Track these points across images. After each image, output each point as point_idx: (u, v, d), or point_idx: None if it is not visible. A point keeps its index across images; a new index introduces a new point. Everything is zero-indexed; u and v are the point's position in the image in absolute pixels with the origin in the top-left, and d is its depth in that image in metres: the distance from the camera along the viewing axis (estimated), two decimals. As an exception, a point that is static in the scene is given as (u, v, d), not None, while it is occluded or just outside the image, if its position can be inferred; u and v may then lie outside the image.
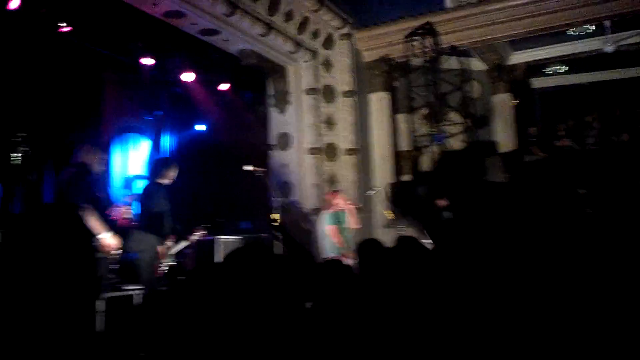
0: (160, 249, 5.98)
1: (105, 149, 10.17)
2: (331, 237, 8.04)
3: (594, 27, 11.25)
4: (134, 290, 6.09)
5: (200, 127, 12.27)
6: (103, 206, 5.81)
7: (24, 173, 7.25)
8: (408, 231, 7.91)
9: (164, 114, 11.59)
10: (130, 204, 6.20)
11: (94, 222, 5.43)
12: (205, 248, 8.43)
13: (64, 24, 8.24)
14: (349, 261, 5.41)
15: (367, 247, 4.02)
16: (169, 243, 6.17)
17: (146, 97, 10.70)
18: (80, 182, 5.48)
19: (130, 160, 10.69)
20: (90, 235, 5.34)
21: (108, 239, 5.49)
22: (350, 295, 2.76)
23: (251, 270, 1.50)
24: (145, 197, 6.22)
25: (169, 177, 6.25)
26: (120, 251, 5.74)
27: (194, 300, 1.59)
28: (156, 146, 11.40)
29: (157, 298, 3.25)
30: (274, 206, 6.44)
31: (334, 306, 2.38)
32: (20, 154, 6.55)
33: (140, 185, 9.49)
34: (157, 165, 6.51)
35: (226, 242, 8.64)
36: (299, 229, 9.05)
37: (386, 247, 4.10)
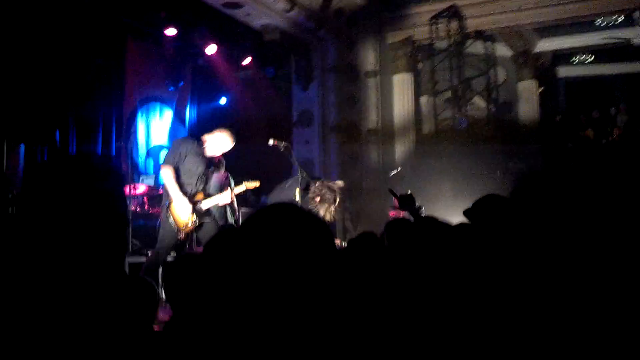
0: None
1: (130, 118, 10.22)
2: None
3: (622, 18, 11.05)
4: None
5: (222, 101, 12.25)
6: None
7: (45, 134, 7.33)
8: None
9: (187, 86, 11.59)
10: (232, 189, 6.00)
11: (168, 182, 5.38)
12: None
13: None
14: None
15: (396, 226, 4.12)
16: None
17: (169, 68, 10.69)
18: (175, 146, 5.68)
19: (154, 131, 10.69)
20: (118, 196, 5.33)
21: (178, 204, 5.36)
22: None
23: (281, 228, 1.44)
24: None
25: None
26: (195, 223, 5.50)
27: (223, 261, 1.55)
28: (178, 117, 11.40)
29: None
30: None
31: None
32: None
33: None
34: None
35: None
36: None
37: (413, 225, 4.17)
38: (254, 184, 6.03)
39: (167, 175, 5.38)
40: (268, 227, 1.39)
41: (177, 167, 5.43)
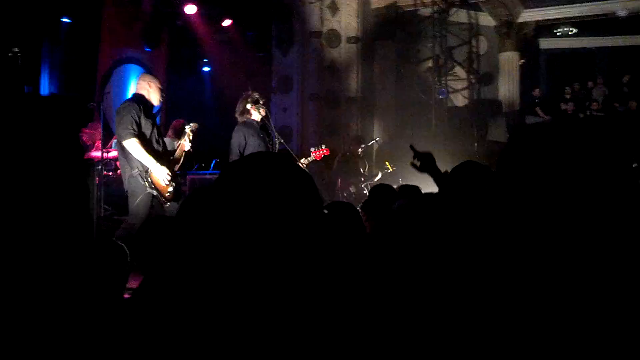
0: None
1: (105, 79, 9.93)
2: None
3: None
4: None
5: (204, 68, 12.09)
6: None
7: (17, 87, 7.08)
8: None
9: (165, 47, 11.32)
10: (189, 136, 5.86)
11: (140, 153, 5.16)
12: (204, 185, 8.32)
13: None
14: None
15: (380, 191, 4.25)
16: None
17: (146, 29, 10.40)
18: (127, 113, 5.22)
19: (130, 93, 10.46)
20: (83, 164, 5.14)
21: (156, 171, 5.22)
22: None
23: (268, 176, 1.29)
24: None
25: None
26: (173, 186, 5.37)
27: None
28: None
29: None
30: (271, 148, 6.29)
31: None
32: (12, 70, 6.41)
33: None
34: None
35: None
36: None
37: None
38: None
39: (135, 147, 5.16)
40: (249, 178, 1.26)
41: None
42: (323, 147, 7.03)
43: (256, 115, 6.06)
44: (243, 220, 1.21)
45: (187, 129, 5.73)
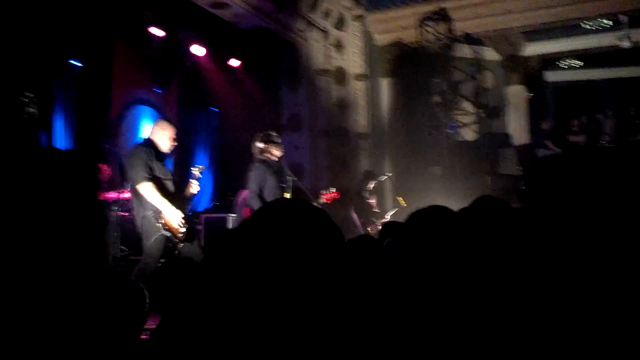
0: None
1: (117, 121, 10.03)
2: None
3: (610, 23, 11.09)
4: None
5: (213, 108, 12.21)
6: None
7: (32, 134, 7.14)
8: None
9: (174, 88, 11.45)
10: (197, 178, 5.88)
11: (154, 197, 5.24)
12: (217, 225, 8.34)
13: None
14: None
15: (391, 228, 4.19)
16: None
17: (156, 70, 10.55)
18: (138, 157, 5.34)
19: (143, 133, 10.56)
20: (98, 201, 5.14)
21: (170, 214, 5.30)
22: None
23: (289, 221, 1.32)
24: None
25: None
26: (186, 227, 5.46)
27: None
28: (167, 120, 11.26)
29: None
30: (286, 186, 6.33)
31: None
32: (26, 115, 6.45)
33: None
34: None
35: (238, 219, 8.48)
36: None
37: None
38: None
39: (149, 191, 5.25)
40: (276, 224, 1.28)
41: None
42: (333, 190, 7.07)
43: (275, 154, 6.17)
44: (270, 266, 1.23)
45: (194, 170, 5.79)
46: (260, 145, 6.25)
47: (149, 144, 5.55)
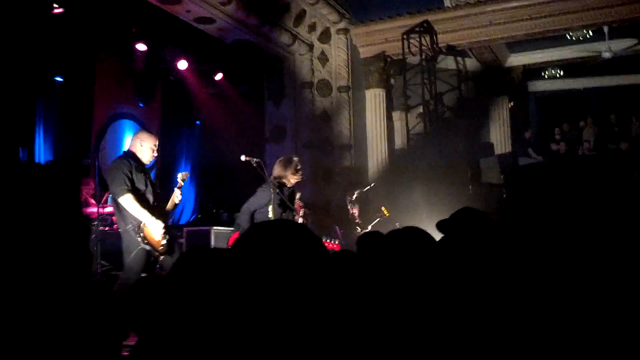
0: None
1: (99, 135, 9.99)
2: None
3: (592, 33, 11.23)
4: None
5: (197, 121, 12.22)
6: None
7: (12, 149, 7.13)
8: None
9: (158, 102, 11.45)
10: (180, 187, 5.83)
11: (134, 208, 5.18)
12: (200, 238, 8.27)
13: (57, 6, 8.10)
14: None
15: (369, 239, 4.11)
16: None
17: (139, 85, 10.55)
18: (118, 170, 5.27)
19: (125, 147, 10.54)
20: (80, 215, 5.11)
21: (152, 225, 5.23)
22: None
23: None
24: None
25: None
26: (167, 239, 5.36)
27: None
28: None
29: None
30: (285, 217, 6.29)
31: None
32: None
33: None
34: None
35: (221, 233, 8.43)
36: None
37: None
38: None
39: (130, 203, 5.19)
40: (266, 246, 1.29)
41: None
42: (336, 242, 7.01)
43: (291, 181, 6.21)
44: (259, 285, 1.23)
45: (178, 177, 5.75)
46: (283, 170, 6.26)
47: (130, 155, 5.51)
